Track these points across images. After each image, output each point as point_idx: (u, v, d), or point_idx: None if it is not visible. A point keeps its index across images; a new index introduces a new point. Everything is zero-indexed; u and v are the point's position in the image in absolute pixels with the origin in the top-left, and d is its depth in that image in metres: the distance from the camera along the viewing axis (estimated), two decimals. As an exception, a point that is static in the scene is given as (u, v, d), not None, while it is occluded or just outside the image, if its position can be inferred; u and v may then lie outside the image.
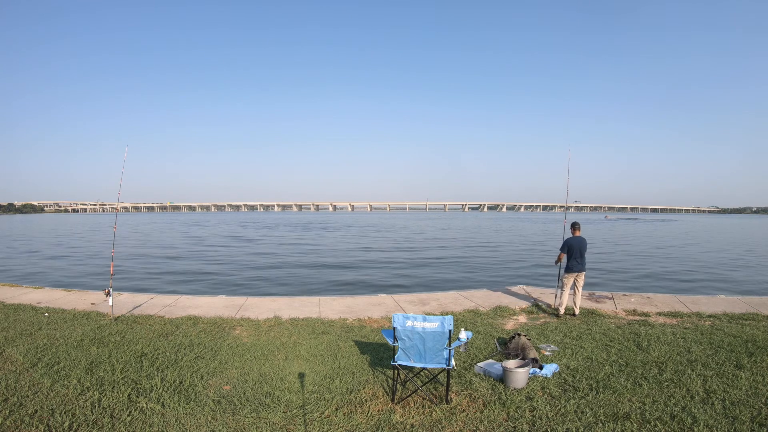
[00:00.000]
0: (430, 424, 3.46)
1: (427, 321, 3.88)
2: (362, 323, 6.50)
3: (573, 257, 7.05)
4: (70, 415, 3.52)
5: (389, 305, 7.71)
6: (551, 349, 5.19)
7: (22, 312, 6.94)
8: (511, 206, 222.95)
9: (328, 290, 12.08)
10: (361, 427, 3.44)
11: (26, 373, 4.37)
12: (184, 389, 4.05)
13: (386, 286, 12.48)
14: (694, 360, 4.79)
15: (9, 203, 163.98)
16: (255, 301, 7.93)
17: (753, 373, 4.38)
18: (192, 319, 6.59)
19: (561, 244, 7.21)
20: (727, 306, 7.46)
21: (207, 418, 3.54)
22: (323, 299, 8.18)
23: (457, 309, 7.39)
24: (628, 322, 6.49)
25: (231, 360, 4.84)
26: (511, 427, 3.41)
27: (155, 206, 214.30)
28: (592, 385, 4.10)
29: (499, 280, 13.56)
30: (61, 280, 13.88)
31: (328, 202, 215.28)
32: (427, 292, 9.16)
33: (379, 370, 4.60)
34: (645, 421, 3.44)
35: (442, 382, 4.21)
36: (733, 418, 3.47)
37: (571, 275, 7.04)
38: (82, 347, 5.19)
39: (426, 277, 14.38)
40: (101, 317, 6.67)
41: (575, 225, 7.26)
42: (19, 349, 5.08)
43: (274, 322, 6.46)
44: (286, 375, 4.41)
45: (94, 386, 4.06)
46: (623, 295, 8.42)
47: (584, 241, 7.12)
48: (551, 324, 6.45)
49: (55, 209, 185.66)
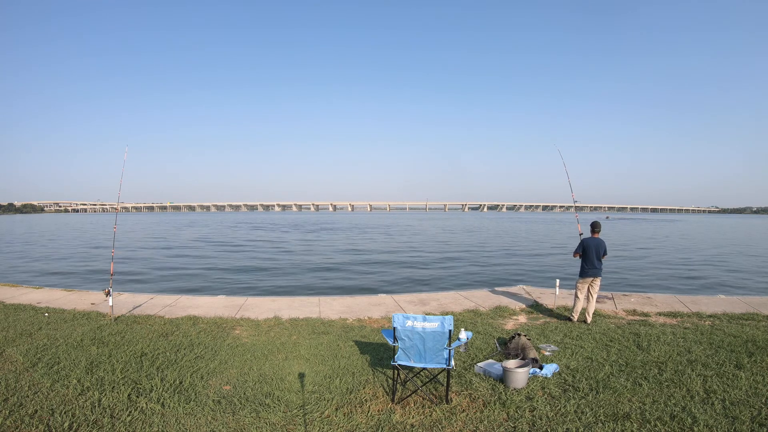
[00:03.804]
0: (430, 424, 3.46)
1: (427, 321, 3.88)
2: (362, 323, 6.50)
3: (588, 260, 6.57)
4: (70, 415, 3.52)
5: (389, 305, 7.71)
6: (551, 349, 5.19)
7: (22, 312, 6.93)
8: (511, 206, 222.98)
9: (329, 290, 12.07)
10: (361, 427, 3.44)
11: (26, 373, 4.37)
12: (184, 389, 4.05)
13: (386, 286, 12.48)
14: (694, 360, 4.79)
15: (9, 203, 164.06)
16: (255, 301, 7.93)
17: (753, 373, 4.38)
18: (192, 319, 6.59)
19: (574, 244, 6.82)
20: (727, 306, 7.46)
21: (207, 418, 3.54)
22: (323, 299, 8.18)
23: (457, 309, 7.39)
24: (628, 322, 6.49)
25: (231, 360, 4.83)
26: (511, 427, 3.41)
27: (155, 206, 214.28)
28: (592, 385, 4.10)
29: (500, 280, 13.56)
30: (61, 280, 13.88)
31: (328, 202, 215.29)
32: (427, 292, 9.17)
33: (379, 370, 4.60)
34: (645, 421, 3.44)
35: (442, 382, 4.20)
36: (733, 418, 3.47)
37: (585, 280, 6.61)
38: (82, 347, 5.19)
39: (426, 277, 14.38)
40: (101, 317, 6.66)
41: (596, 226, 6.68)
42: (19, 349, 5.08)
43: (274, 322, 6.46)
44: (286, 375, 4.41)
45: (94, 386, 4.06)
46: (623, 295, 8.41)
47: (602, 243, 6.60)
48: (551, 324, 6.44)
49: (55, 209, 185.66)
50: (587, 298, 6.66)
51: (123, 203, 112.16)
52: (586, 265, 6.61)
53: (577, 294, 6.64)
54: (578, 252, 6.72)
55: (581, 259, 6.69)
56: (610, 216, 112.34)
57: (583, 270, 6.64)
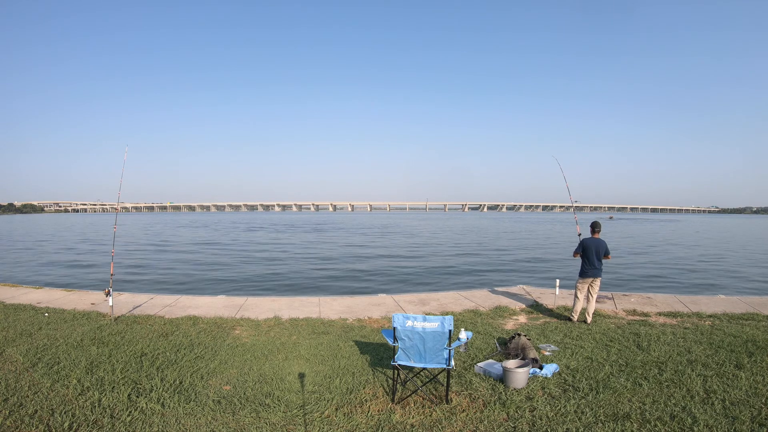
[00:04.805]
0: (430, 424, 3.46)
1: (427, 321, 3.88)
2: (362, 323, 6.50)
3: (588, 260, 6.55)
4: (70, 415, 3.52)
5: (389, 305, 7.71)
6: (551, 349, 5.19)
7: (22, 312, 6.93)
8: (511, 206, 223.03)
9: (329, 290, 12.07)
10: (361, 427, 3.44)
11: (26, 373, 4.37)
12: (184, 389, 4.05)
13: (386, 286, 12.47)
14: (694, 360, 4.79)
15: (9, 203, 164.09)
16: (255, 301, 7.93)
17: (753, 373, 4.38)
18: (192, 319, 6.59)
19: (576, 245, 6.76)
20: (727, 306, 7.46)
21: (207, 418, 3.54)
22: (323, 299, 8.18)
23: (457, 309, 7.39)
24: (628, 322, 6.49)
25: (231, 360, 4.83)
26: (511, 427, 3.41)
27: (155, 206, 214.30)
28: (592, 385, 4.10)
29: (500, 280, 13.56)
30: (61, 280, 13.88)
31: (328, 202, 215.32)
32: (427, 292, 9.17)
33: (379, 370, 4.60)
34: (645, 421, 3.44)
35: (442, 382, 4.21)
36: (733, 418, 3.47)
37: (585, 281, 6.60)
38: (82, 347, 5.19)
39: (426, 277, 14.37)
40: (101, 317, 6.66)
41: (596, 226, 6.66)
42: (19, 349, 5.08)
43: (274, 322, 6.46)
44: (286, 375, 4.41)
45: (94, 386, 4.06)
46: (623, 295, 8.41)
47: (603, 243, 6.55)
48: (551, 324, 6.44)
49: (55, 209, 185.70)
50: (587, 298, 6.65)
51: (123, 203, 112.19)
52: (586, 265, 6.60)
53: (576, 294, 6.64)
54: (578, 252, 6.71)
55: (581, 260, 6.69)
56: (614, 216, 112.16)
57: (583, 270, 6.63)
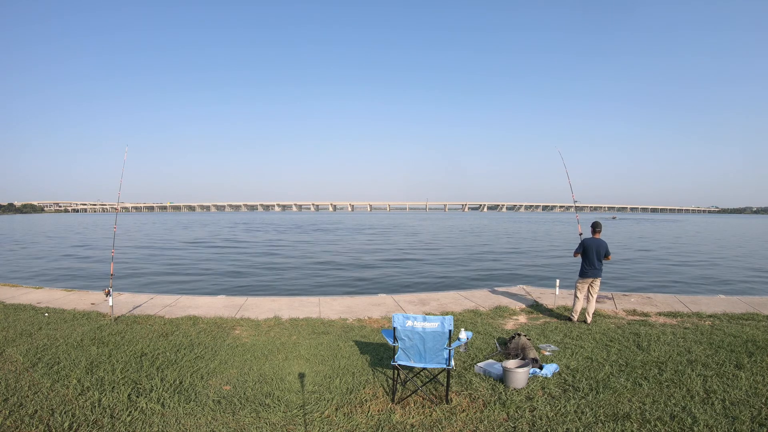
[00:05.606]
0: (430, 424, 3.46)
1: (427, 321, 3.88)
2: (362, 323, 6.50)
3: (588, 260, 6.53)
4: (70, 415, 3.52)
5: (389, 305, 7.71)
6: (551, 349, 5.19)
7: (22, 312, 6.93)
8: (511, 206, 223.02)
9: (329, 290, 12.07)
10: (361, 427, 3.44)
11: (26, 373, 4.37)
12: (184, 389, 4.05)
13: (386, 286, 12.48)
14: (694, 360, 4.79)
15: (9, 203, 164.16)
16: (255, 301, 7.93)
17: (753, 373, 4.38)
18: (192, 319, 6.59)
19: (576, 245, 6.75)
20: (727, 306, 7.46)
21: (207, 418, 3.54)
22: (323, 299, 8.18)
23: (457, 309, 7.39)
24: (628, 322, 6.49)
25: (231, 360, 4.83)
26: (511, 427, 3.41)
27: (155, 206, 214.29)
28: (592, 385, 4.10)
29: (500, 280, 13.56)
30: (61, 280, 13.88)
31: (328, 202, 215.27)
32: (427, 292, 9.17)
33: (379, 370, 4.60)
34: (645, 421, 3.44)
35: (442, 382, 4.21)
36: (733, 418, 3.47)
37: (585, 281, 6.59)
38: (82, 347, 5.19)
39: (426, 277, 14.38)
40: (101, 317, 6.66)
41: (596, 226, 6.63)
42: (19, 349, 5.08)
43: (274, 322, 6.46)
44: (286, 375, 4.41)
45: (94, 386, 4.06)
46: (623, 295, 8.41)
47: (603, 243, 6.53)
48: (551, 324, 6.44)
49: (55, 209, 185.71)
50: (587, 298, 6.65)
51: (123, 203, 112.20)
52: (586, 265, 6.59)
53: (576, 294, 6.63)
54: (578, 252, 6.70)
55: (581, 260, 6.68)
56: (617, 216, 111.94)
57: (583, 270, 6.62)
